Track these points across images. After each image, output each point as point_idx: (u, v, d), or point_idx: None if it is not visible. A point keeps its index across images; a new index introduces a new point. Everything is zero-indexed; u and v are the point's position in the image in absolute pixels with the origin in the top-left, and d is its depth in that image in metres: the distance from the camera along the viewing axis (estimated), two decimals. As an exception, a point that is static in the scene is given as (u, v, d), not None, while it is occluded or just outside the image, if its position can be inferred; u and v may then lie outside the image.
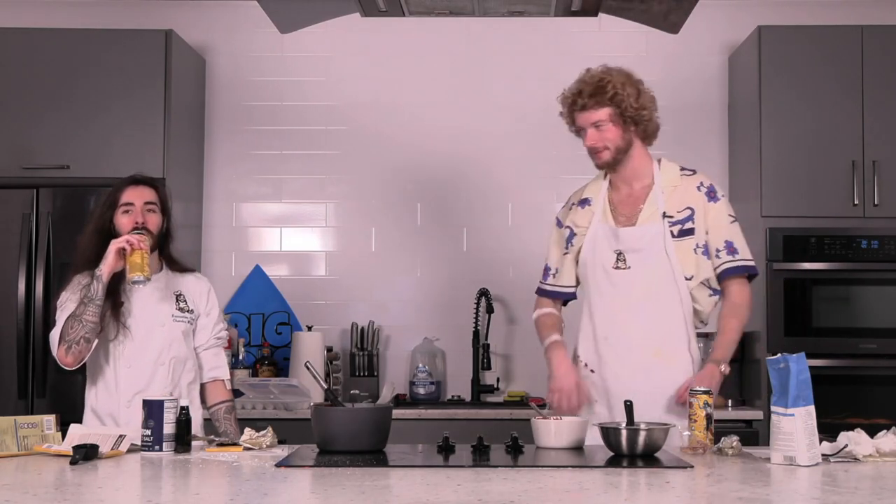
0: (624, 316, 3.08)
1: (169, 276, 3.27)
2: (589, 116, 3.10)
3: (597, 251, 3.14)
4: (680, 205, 3.09)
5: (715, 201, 3.11)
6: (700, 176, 3.16)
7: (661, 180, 3.14)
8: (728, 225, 3.11)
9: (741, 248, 3.11)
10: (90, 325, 3.03)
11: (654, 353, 3.05)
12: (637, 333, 3.06)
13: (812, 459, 2.45)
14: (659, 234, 3.06)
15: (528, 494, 2.06)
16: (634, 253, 3.08)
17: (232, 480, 2.31)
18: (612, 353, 3.10)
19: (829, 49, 4.42)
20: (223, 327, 3.39)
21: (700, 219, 3.08)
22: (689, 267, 3.06)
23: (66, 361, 3.07)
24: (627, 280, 3.08)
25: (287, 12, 3.39)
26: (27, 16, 4.83)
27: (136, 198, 3.18)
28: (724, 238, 3.09)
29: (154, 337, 3.17)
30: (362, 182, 4.91)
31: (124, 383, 3.13)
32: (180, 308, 3.23)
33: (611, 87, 3.09)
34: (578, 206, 3.25)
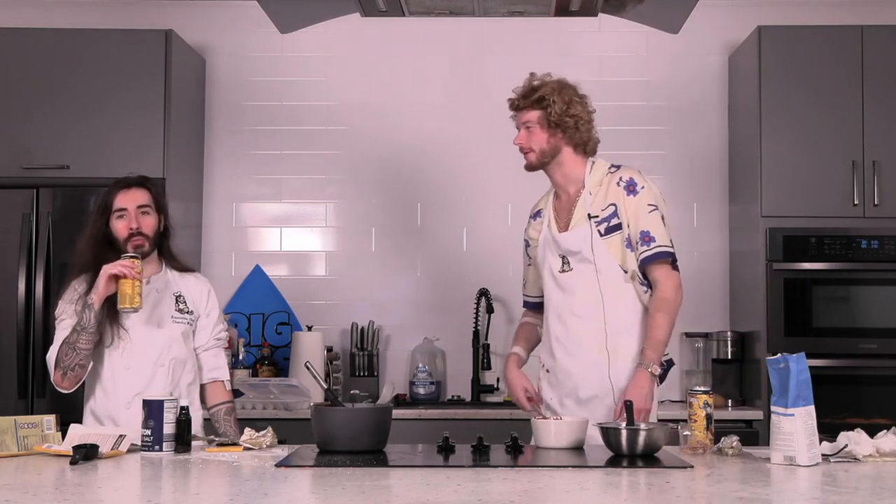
0: (571, 317, 3.15)
1: (169, 277, 3.26)
2: (521, 116, 3.23)
3: (546, 258, 3.24)
4: (604, 203, 3.15)
5: (633, 195, 3.14)
6: (622, 171, 3.19)
7: (590, 182, 3.20)
8: (645, 216, 3.12)
9: (658, 235, 3.11)
10: (84, 352, 3.04)
11: (599, 350, 3.10)
12: (583, 332, 3.12)
13: (812, 459, 2.45)
14: (587, 236, 3.13)
15: (528, 494, 2.06)
16: (573, 256, 3.16)
17: (232, 480, 2.31)
18: (563, 351, 3.17)
19: (829, 49, 4.42)
20: (223, 328, 3.38)
21: (622, 213, 3.13)
22: (624, 262, 3.12)
23: (62, 386, 3.10)
24: (571, 282, 3.16)
25: (287, 12, 3.40)
26: (27, 16, 4.83)
27: (129, 202, 3.16)
28: (640, 229, 3.11)
29: (153, 338, 3.16)
30: (362, 182, 4.91)
31: (123, 385, 3.13)
32: (179, 309, 3.22)
33: (540, 91, 3.19)
34: (532, 218, 3.39)
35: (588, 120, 3.21)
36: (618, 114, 4.84)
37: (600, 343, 3.09)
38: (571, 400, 3.12)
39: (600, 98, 4.82)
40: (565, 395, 3.15)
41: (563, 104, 3.16)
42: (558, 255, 3.19)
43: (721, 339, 4.60)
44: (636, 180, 3.15)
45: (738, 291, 4.73)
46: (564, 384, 3.15)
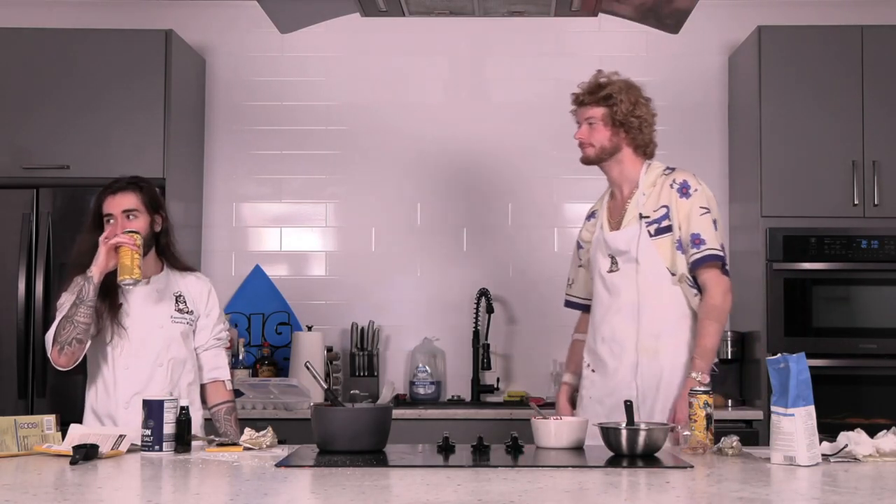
0: (617, 317, 3.17)
1: (169, 277, 3.26)
2: (584, 112, 3.24)
3: (596, 258, 3.27)
4: (656, 204, 3.17)
5: (686, 197, 3.15)
6: (676, 173, 3.21)
7: (644, 182, 3.22)
8: (697, 218, 3.13)
9: (708, 238, 3.12)
10: (82, 326, 3.02)
11: (644, 350, 3.12)
12: (628, 332, 3.15)
13: (812, 459, 2.45)
14: (636, 235, 3.15)
15: (528, 494, 2.06)
16: (621, 256, 3.18)
17: (232, 480, 2.31)
18: (608, 352, 3.19)
19: (829, 49, 4.42)
20: (223, 328, 3.38)
21: (674, 216, 3.14)
22: (672, 263, 3.14)
23: (59, 362, 3.07)
24: (618, 283, 3.18)
25: (287, 12, 3.39)
26: (27, 16, 4.83)
27: (115, 208, 3.14)
28: (691, 232, 3.12)
29: (152, 338, 3.16)
30: (362, 182, 4.91)
31: (122, 384, 3.13)
32: (179, 309, 3.22)
33: (608, 89, 3.22)
34: (587, 220, 3.43)
35: (651, 122, 3.25)
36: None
37: (643, 343, 3.12)
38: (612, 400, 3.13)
39: (600, 98, 4.87)
40: (606, 395, 3.17)
41: (630, 104, 3.20)
42: (607, 255, 3.22)
43: (721, 338, 4.59)
44: (690, 183, 3.16)
45: (738, 291, 4.69)
46: (607, 384, 3.18)
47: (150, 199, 3.21)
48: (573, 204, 4.87)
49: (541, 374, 4.80)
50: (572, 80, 4.98)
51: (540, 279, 4.84)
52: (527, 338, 4.84)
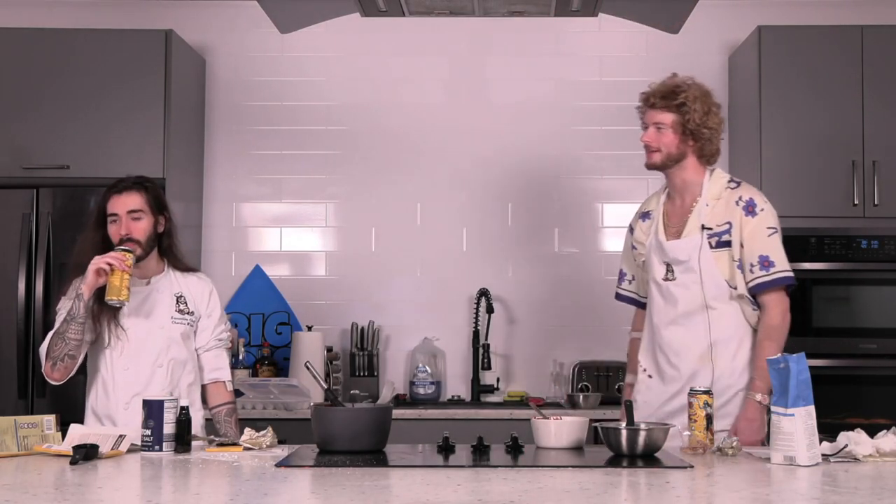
0: (675, 326, 3.17)
1: (171, 277, 3.26)
2: (654, 115, 3.17)
3: (651, 264, 3.25)
4: (720, 218, 3.14)
5: (752, 216, 3.13)
6: (742, 189, 3.18)
7: (708, 192, 3.19)
8: (765, 239, 3.11)
9: (778, 260, 3.10)
10: (73, 342, 3.03)
11: (699, 358, 3.12)
12: (686, 342, 3.14)
13: (812, 459, 2.45)
14: (697, 246, 3.13)
15: (528, 494, 2.06)
16: (679, 265, 3.16)
17: (232, 480, 2.31)
18: (665, 360, 3.18)
19: (829, 49, 4.41)
20: (224, 329, 3.37)
21: (736, 233, 3.12)
22: (731, 276, 3.12)
23: (53, 377, 3.09)
24: (675, 291, 3.17)
25: (287, 12, 3.40)
26: (27, 16, 4.83)
27: (120, 207, 3.15)
28: (758, 253, 3.10)
29: (152, 339, 3.16)
30: (362, 182, 4.91)
31: (122, 385, 3.13)
32: (180, 310, 3.22)
33: (682, 96, 3.14)
34: (642, 219, 3.37)
35: (720, 132, 3.19)
36: (618, 114, 4.84)
37: (704, 352, 3.11)
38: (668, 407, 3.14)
39: (600, 98, 4.88)
40: (662, 402, 3.16)
41: (703, 114, 3.14)
42: (663, 262, 3.20)
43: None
44: (756, 201, 3.14)
45: (738, 291, 4.73)
46: (665, 390, 3.17)
47: (154, 199, 3.21)
48: (573, 204, 4.87)
49: (541, 374, 4.80)
50: (572, 80, 4.99)
51: (540, 279, 4.84)
52: (527, 338, 4.84)
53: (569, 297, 4.80)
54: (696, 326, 3.13)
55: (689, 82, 3.18)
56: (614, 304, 4.71)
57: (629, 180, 4.86)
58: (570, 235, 4.87)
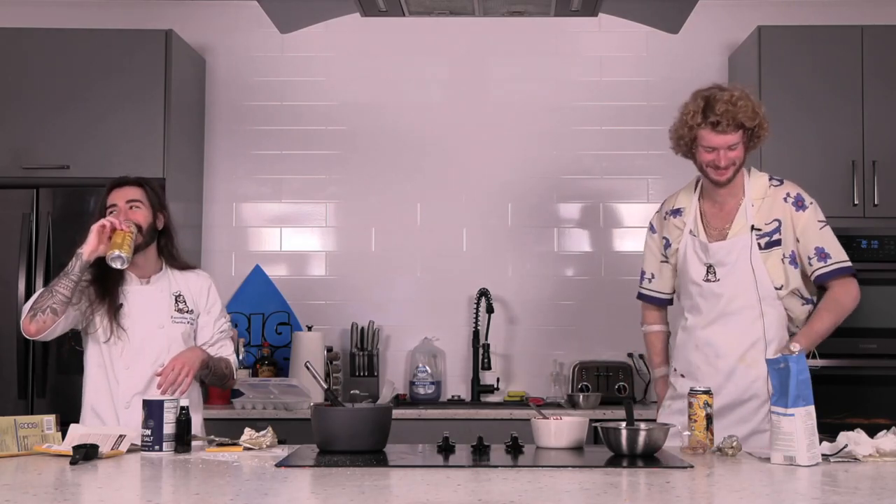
0: (714, 326, 3.17)
1: (169, 276, 3.27)
2: (726, 139, 3.11)
3: (689, 264, 3.23)
4: (768, 217, 3.16)
5: (802, 210, 3.16)
6: (787, 186, 3.21)
7: (751, 192, 3.19)
8: (818, 232, 3.15)
9: (833, 251, 3.14)
10: (60, 296, 3.01)
11: (740, 359, 3.13)
12: (725, 341, 3.15)
13: (812, 459, 2.45)
14: (746, 247, 3.14)
15: (528, 494, 2.06)
16: (723, 266, 3.16)
17: (232, 480, 2.31)
18: (702, 359, 3.19)
19: (829, 49, 4.41)
20: (225, 321, 3.36)
21: (787, 230, 3.14)
22: (778, 277, 3.14)
23: (28, 329, 3.04)
24: (717, 292, 3.17)
25: (287, 12, 3.39)
26: (27, 16, 4.83)
27: (119, 198, 3.20)
28: (813, 245, 3.13)
29: (153, 339, 3.16)
30: (362, 182, 4.91)
31: (124, 385, 3.13)
32: (179, 309, 3.23)
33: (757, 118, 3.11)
34: (672, 216, 3.33)
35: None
36: (618, 114, 4.85)
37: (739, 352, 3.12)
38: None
39: (600, 98, 4.88)
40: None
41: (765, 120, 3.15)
42: (703, 263, 3.19)
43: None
44: (803, 196, 3.18)
45: (738, 291, 4.73)
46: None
47: (153, 195, 3.26)
48: (573, 204, 4.87)
49: (541, 374, 4.79)
50: (572, 80, 4.99)
51: (540, 279, 4.84)
52: (527, 338, 4.84)
53: (569, 297, 4.80)
54: (738, 327, 3.14)
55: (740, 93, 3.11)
56: (614, 304, 4.75)
57: (629, 180, 4.86)
58: (570, 235, 4.87)
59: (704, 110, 3.11)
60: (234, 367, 3.33)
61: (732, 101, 3.09)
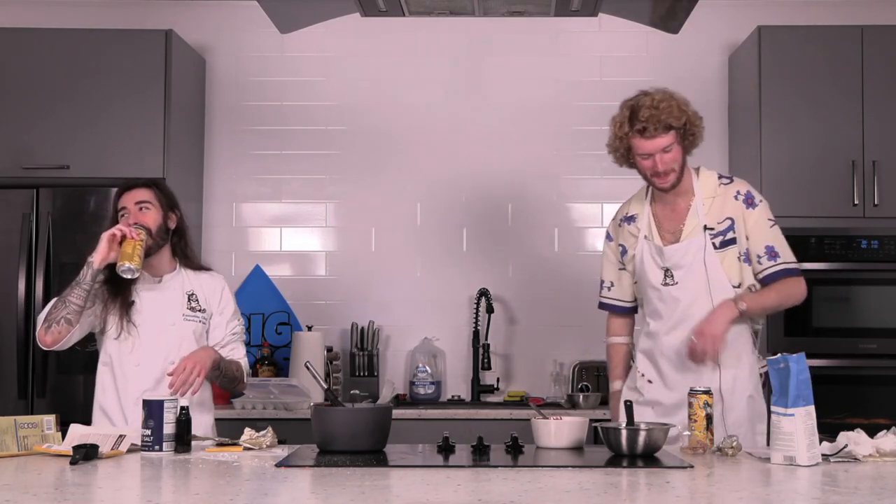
0: (677, 331, 3.14)
1: (182, 276, 3.28)
2: (657, 143, 3.09)
3: (646, 269, 3.21)
4: (720, 215, 3.14)
5: (753, 208, 3.14)
6: (737, 184, 3.20)
7: (701, 192, 3.18)
8: (768, 230, 3.14)
9: (783, 251, 3.14)
10: (73, 306, 3.04)
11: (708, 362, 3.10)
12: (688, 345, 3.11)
13: (812, 459, 2.45)
14: (700, 248, 3.12)
15: (528, 494, 2.06)
16: (680, 269, 3.14)
17: (232, 480, 2.31)
18: (670, 366, 3.16)
19: (829, 49, 4.42)
20: (238, 323, 3.35)
21: (740, 227, 3.13)
22: (735, 276, 3.12)
23: (44, 341, 3.07)
24: (675, 296, 3.15)
25: (287, 12, 3.40)
26: (27, 16, 4.83)
27: (129, 201, 3.21)
28: (764, 244, 3.12)
29: (164, 336, 3.16)
30: (362, 182, 4.91)
31: (134, 382, 3.13)
32: (191, 307, 3.23)
33: (683, 117, 3.11)
34: (626, 223, 3.32)
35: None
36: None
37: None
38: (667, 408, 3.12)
39: (600, 98, 4.87)
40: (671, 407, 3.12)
41: (696, 117, 3.15)
42: (660, 267, 3.17)
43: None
44: (753, 194, 3.17)
45: (738, 291, 4.73)
46: (671, 397, 3.13)
47: (164, 195, 3.28)
48: (573, 204, 4.87)
49: (541, 374, 4.80)
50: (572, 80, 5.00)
51: (540, 279, 4.84)
52: (527, 338, 4.84)
53: (569, 297, 4.80)
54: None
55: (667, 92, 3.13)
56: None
57: (629, 180, 4.83)
58: (570, 235, 4.87)
59: (631, 119, 3.10)
60: (245, 371, 3.31)
61: (655, 105, 3.08)
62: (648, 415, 3.12)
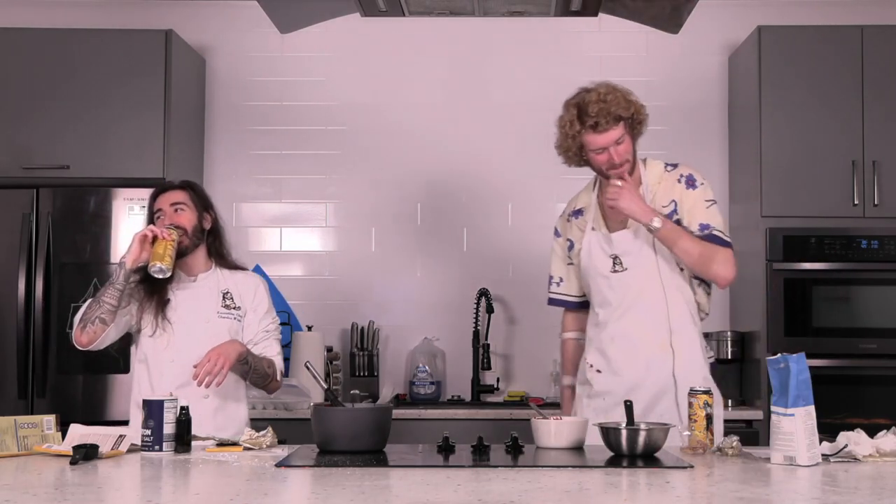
0: (630, 316, 3.14)
1: (217, 275, 3.30)
2: (608, 136, 3.09)
3: (593, 259, 3.21)
4: (665, 199, 3.15)
5: (693, 188, 3.15)
6: (681, 168, 3.21)
7: (648, 179, 3.19)
8: (704, 210, 3.13)
9: (716, 224, 3.12)
10: (107, 306, 3.09)
11: (659, 347, 3.11)
12: (643, 331, 3.12)
13: (812, 459, 2.45)
14: (648, 233, 3.12)
15: (528, 494, 2.06)
16: (628, 255, 3.15)
17: (232, 480, 2.31)
18: (619, 352, 3.15)
19: (829, 49, 4.42)
20: (272, 321, 3.34)
21: (682, 209, 3.13)
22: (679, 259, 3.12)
23: (80, 341, 3.13)
24: (625, 282, 3.15)
25: (287, 12, 3.40)
26: (27, 16, 4.83)
27: (164, 203, 3.25)
28: (698, 221, 3.11)
29: (198, 333, 3.17)
30: (362, 182, 4.91)
31: (168, 377, 3.14)
32: (226, 305, 3.24)
33: (623, 100, 3.10)
34: (574, 217, 3.33)
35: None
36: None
37: (663, 340, 3.10)
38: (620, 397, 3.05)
39: (600, 98, 4.87)
40: (616, 393, 3.11)
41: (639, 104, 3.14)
42: (609, 255, 3.17)
43: (721, 339, 4.60)
44: (695, 176, 3.17)
45: (738, 291, 4.73)
46: (622, 384, 3.12)
47: (199, 196, 3.31)
48: (573, 204, 4.87)
49: (541, 374, 4.79)
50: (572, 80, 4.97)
51: (540, 279, 4.81)
52: (527, 338, 4.84)
53: (569, 297, 4.79)
54: (652, 314, 3.11)
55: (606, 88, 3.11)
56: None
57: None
58: (570, 235, 4.86)
59: (580, 116, 3.10)
60: (277, 368, 3.28)
61: (602, 98, 3.08)
62: (601, 405, 3.12)
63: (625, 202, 3.06)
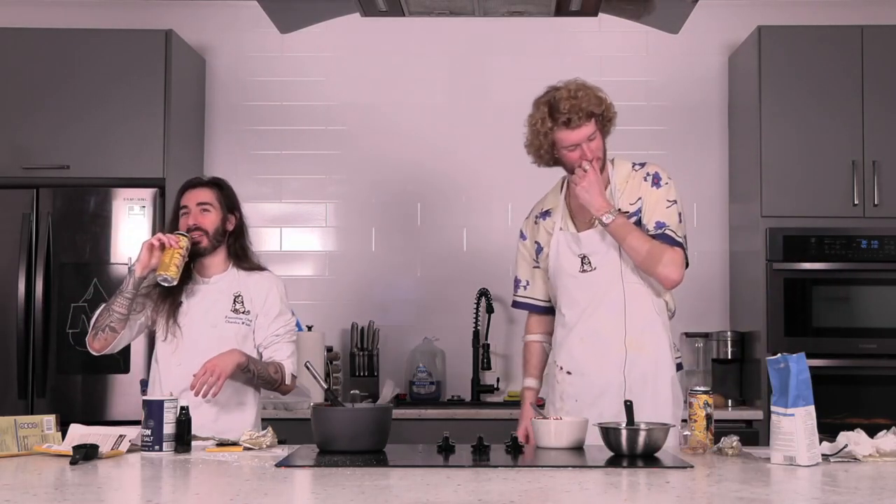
0: (599, 315, 3.12)
1: (232, 277, 3.28)
2: (580, 133, 3.10)
3: (561, 260, 3.19)
4: (633, 197, 3.14)
5: (657, 187, 3.14)
6: (648, 166, 3.20)
7: (616, 179, 3.18)
8: (663, 209, 3.11)
9: (671, 224, 3.09)
10: (116, 315, 3.12)
11: (630, 345, 3.09)
12: (613, 329, 3.10)
13: (812, 459, 2.45)
14: None
15: (528, 494, 2.06)
16: (596, 255, 3.13)
17: (232, 480, 2.31)
18: (588, 352, 3.12)
19: (829, 49, 4.42)
20: (283, 325, 3.30)
21: (645, 206, 3.12)
22: None
23: (93, 346, 3.19)
24: (594, 281, 3.13)
25: (287, 12, 3.40)
26: (27, 16, 4.83)
27: (191, 200, 3.26)
28: (655, 219, 3.10)
29: (205, 338, 3.17)
30: (362, 182, 4.91)
31: (176, 381, 3.14)
32: (235, 309, 3.23)
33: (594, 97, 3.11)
34: (542, 218, 3.31)
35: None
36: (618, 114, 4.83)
37: (627, 338, 3.08)
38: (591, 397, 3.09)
39: (600, 98, 4.87)
40: (586, 394, 3.10)
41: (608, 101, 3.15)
42: (577, 255, 3.15)
43: (721, 339, 4.60)
44: (661, 175, 3.16)
45: (738, 291, 4.74)
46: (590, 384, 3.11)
47: (226, 197, 3.32)
48: (573, 204, 4.87)
49: (541, 374, 4.79)
50: (573, 79, 4.93)
51: (540, 279, 4.83)
52: (527, 338, 4.84)
53: (569, 297, 4.79)
54: (624, 312, 3.09)
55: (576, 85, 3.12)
56: (614, 304, 4.73)
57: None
58: (570, 235, 4.86)
59: (552, 113, 3.09)
60: (286, 371, 3.24)
61: (573, 95, 3.08)
62: (573, 407, 3.10)
63: (582, 189, 3.05)
